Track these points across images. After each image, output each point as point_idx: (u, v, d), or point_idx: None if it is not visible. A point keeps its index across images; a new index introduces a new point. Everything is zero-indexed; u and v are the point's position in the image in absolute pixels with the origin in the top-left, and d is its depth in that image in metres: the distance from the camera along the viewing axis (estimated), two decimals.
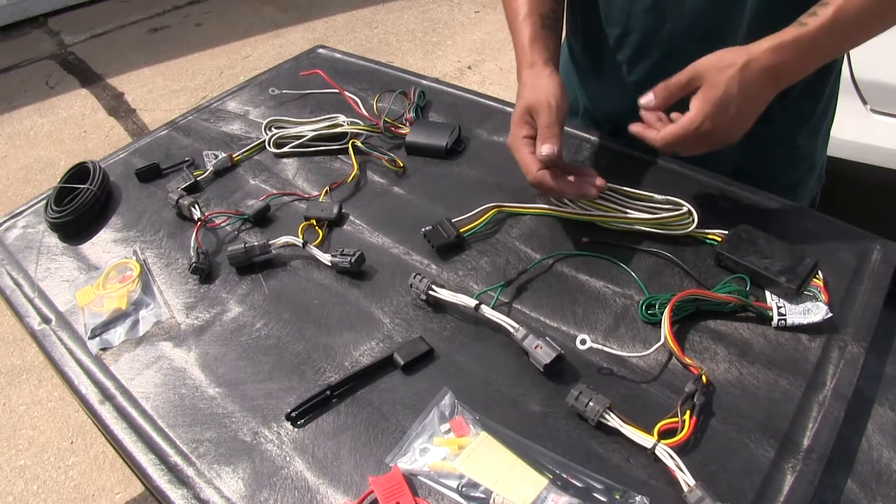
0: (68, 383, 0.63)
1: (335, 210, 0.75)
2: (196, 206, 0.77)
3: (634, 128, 0.66)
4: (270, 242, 0.71)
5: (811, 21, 0.60)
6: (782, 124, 0.79)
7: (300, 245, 0.70)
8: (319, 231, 0.74)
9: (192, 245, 0.72)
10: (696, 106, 0.61)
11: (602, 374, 0.57)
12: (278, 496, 0.51)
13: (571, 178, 0.66)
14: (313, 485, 0.51)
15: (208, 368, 0.62)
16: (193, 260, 0.70)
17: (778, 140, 0.81)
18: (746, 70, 0.60)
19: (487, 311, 0.60)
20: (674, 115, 0.64)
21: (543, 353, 0.55)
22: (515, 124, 0.69)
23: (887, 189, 1.33)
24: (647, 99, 0.65)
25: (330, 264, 0.69)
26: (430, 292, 0.62)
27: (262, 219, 0.77)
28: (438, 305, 0.64)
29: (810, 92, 0.79)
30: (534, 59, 0.71)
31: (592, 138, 0.84)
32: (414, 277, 0.64)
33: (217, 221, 0.77)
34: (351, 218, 0.77)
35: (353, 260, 0.67)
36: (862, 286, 0.62)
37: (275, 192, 0.81)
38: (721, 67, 0.60)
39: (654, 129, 0.65)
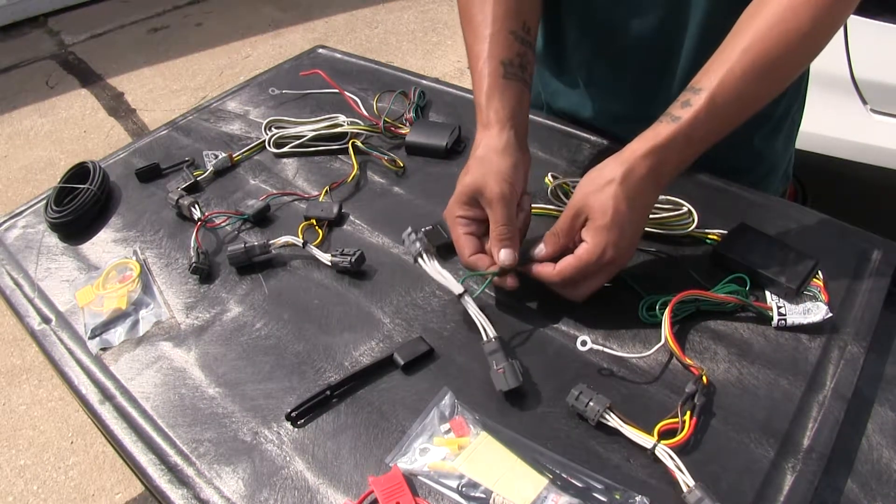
0: (68, 383, 0.63)
1: (335, 210, 0.75)
2: (196, 206, 0.77)
3: (528, 270, 0.60)
4: (270, 242, 0.71)
5: (684, 113, 0.56)
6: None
7: (300, 245, 0.70)
8: (319, 231, 0.74)
9: (192, 245, 0.72)
10: (591, 237, 0.56)
11: (602, 375, 0.57)
12: (278, 496, 0.51)
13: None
14: (313, 485, 0.51)
15: (208, 368, 0.62)
16: (193, 260, 0.70)
17: (733, 141, 0.81)
18: (627, 183, 0.55)
19: (470, 304, 0.58)
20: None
21: (500, 380, 0.54)
22: (456, 201, 0.61)
23: (887, 189, 1.33)
24: (537, 249, 0.60)
25: (330, 264, 0.69)
26: (419, 260, 0.58)
27: (262, 219, 0.77)
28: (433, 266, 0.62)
29: None
30: (489, 119, 0.63)
31: (593, 138, 0.84)
32: (408, 235, 0.60)
33: (217, 221, 0.77)
34: (351, 218, 0.77)
35: (353, 260, 0.67)
36: (862, 286, 0.62)
37: (275, 192, 0.81)
38: (601, 187, 0.56)
39: (549, 264, 0.59)
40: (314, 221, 0.75)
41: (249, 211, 0.77)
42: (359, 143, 0.86)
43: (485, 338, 0.57)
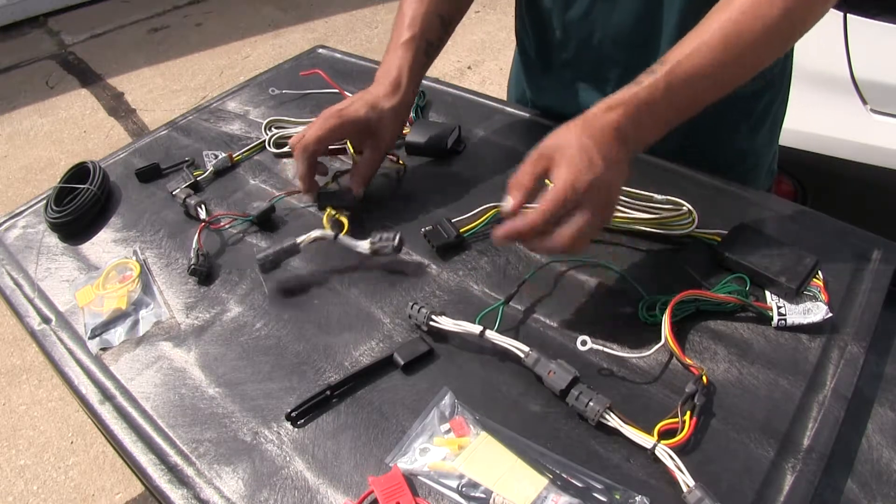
0: (68, 383, 0.63)
1: (351, 196, 0.74)
2: (202, 206, 0.77)
3: (501, 232, 0.56)
4: (299, 241, 0.68)
5: (646, 80, 0.57)
6: (716, 122, 0.79)
7: (332, 237, 0.68)
8: (344, 220, 0.73)
9: (193, 247, 0.71)
10: (561, 172, 0.54)
11: (602, 375, 0.57)
12: (278, 496, 0.51)
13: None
14: (313, 485, 0.51)
15: (208, 368, 0.62)
16: (192, 262, 0.70)
17: (713, 137, 0.81)
18: (588, 128, 0.56)
19: (493, 336, 0.58)
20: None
21: (558, 379, 0.54)
22: (342, 123, 0.72)
23: (887, 189, 1.33)
24: (506, 203, 0.56)
25: (369, 252, 0.67)
26: (431, 323, 0.60)
27: (266, 220, 0.77)
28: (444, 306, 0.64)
29: (750, 92, 0.80)
30: (405, 81, 0.74)
31: None
32: (411, 308, 0.61)
33: (222, 223, 0.76)
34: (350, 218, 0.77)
35: (395, 245, 0.66)
36: (862, 286, 0.62)
37: (279, 192, 0.81)
38: (562, 133, 0.57)
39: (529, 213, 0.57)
40: (331, 210, 0.74)
41: (254, 212, 0.76)
42: None
43: (522, 356, 0.56)
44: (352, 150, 0.84)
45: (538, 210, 0.54)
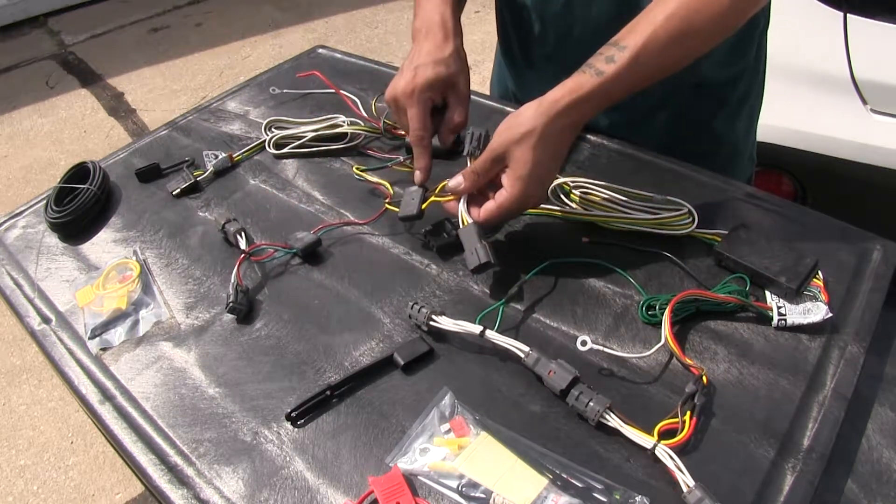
0: (68, 383, 0.63)
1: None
2: (242, 234, 0.72)
3: (454, 206, 0.66)
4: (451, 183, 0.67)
5: (608, 69, 0.59)
6: (696, 110, 0.80)
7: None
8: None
9: (232, 281, 0.66)
10: (511, 185, 0.62)
11: (602, 375, 0.57)
12: (278, 496, 0.51)
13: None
14: (313, 485, 0.51)
15: (208, 368, 0.62)
16: (231, 299, 0.65)
17: (693, 125, 0.81)
18: (546, 136, 0.60)
19: (493, 336, 0.58)
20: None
21: (558, 379, 0.54)
22: (429, 85, 0.69)
23: (887, 189, 1.33)
24: (455, 182, 0.65)
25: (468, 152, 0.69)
26: (431, 323, 0.60)
27: (311, 254, 0.71)
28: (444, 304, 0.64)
29: (725, 80, 0.81)
30: (454, 30, 0.73)
31: (592, 138, 0.83)
32: (412, 308, 0.61)
33: (263, 255, 0.71)
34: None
35: (485, 134, 0.68)
36: (862, 286, 0.62)
37: (325, 224, 0.75)
38: (521, 137, 0.60)
39: (475, 206, 0.65)
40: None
41: (298, 245, 0.70)
42: (372, 152, 0.86)
43: (522, 356, 0.56)
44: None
45: (484, 219, 0.64)
